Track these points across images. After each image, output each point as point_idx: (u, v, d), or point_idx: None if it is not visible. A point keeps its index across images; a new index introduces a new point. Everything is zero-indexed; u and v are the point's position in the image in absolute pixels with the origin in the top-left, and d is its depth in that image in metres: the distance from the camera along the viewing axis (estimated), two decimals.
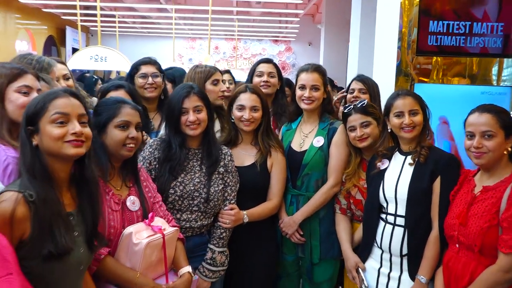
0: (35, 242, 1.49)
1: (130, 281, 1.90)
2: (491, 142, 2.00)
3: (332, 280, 2.77)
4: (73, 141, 1.58)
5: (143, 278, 1.92)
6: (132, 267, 1.92)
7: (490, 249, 1.97)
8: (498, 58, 2.94)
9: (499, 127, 2.01)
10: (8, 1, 10.35)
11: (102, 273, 1.89)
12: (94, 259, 1.83)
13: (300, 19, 12.12)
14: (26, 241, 1.49)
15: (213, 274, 2.41)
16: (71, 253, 1.57)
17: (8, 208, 1.44)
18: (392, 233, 2.33)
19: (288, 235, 2.70)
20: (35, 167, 1.56)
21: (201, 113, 2.38)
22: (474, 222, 2.01)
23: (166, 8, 10.85)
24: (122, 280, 1.91)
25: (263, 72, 3.15)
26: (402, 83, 2.98)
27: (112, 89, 2.70)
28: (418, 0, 2.92)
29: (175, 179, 2.34)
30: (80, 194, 1.70)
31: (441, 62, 2.97)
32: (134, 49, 13.23)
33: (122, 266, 1.92)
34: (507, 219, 1.91)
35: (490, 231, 1.96)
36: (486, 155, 2.02)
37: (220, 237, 2.44)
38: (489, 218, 1.97)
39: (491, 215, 1.97)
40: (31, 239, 1.49)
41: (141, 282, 1.91)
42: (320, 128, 2.76)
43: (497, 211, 1.96)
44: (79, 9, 8.55)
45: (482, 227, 1.97)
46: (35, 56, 2.66)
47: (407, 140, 2.36)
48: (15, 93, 1.91)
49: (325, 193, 2.66)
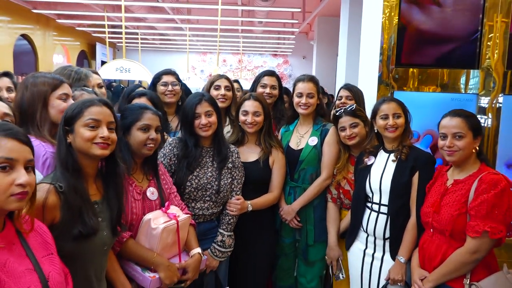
0: (66, 225, 1.51)
1: (148, 260, 1.90)
2: (461, 142, 2.00)
3: (323, 260, 2.76)
4: (101, 144, 1.61)
5: (159, 258, 1.92)
6: (150, 248, 1.92)
7: (459, 233, 1.96)
8: (466, 70, 2.94)
9: (468, 129, 2.00)
10: (47, 21, 10.39)
11: (125, 253, 1.90)
12: (118, 241, 1.85)
13: (296, 36, 12.11)
14: (58, 225, 1.51)
15: (222, 254, 2.41)
16: (96, 235, 1.59)
17: (40, 197, 1.45)
18: (377, 220, 2.32)
19: (287, 221, 2.70)
20: (68, 161, 1.58)
21: (211, 117, 2.38)
22: (446, 210, 2.00)
23: (181, 27, 10.85)
24: (142, 259, 1.91)
25: (267, 84, 3.11)
26: (383, 91, 2.97)
27: (136, 96, 2.71)
28: (396, 21, 2.92)
29: (191, 174, 2.34)
30: (106, 186, 1.72)
31: (417, 73, 2.96)
32: (154, 62, 13.27)
33: (142, 247, 1.92)
34: (474, 208, 1.90)
35: (459, 218, 1.96)
36: (457, 153, 2.01)
37: (228, 223, 2.43)
38: (459, 207, 1.96)
39: (461, 204, 1.96)
40: (62, 223, 1.51)
41: (157, 261, 1.91)
42: (314, 129, 2.76)
43: (466, 201, 1.95)
44: (107, 28, 8.57)
45: (453, 215, 1.97)
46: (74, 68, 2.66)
47: (390, 139, 2.36)
48: (57, 100, 1.93)
49: (319, 185, 2.66)
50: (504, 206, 1.86)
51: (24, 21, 9.33)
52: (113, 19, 9.77)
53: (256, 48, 15.18)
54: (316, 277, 2.78)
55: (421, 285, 2.05)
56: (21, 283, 1.18)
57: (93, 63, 13.75)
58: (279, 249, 2.81)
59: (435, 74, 2.95)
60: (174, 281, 1.94)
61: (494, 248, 1.99)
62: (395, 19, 2.92)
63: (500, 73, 2.90)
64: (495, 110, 2.90)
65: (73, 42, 12.48)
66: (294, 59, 16.04)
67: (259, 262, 2.65)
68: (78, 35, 12.61)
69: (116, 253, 1.87)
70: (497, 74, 2.90)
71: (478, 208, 1.89)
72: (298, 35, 12.22)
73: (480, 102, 2.94)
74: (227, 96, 2.97)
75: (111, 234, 1.71)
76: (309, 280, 2.78)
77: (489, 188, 1.88)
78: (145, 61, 11.21)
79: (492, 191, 1.87)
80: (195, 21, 10.87)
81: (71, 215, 1.52)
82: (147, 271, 1.90)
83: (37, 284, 1.22)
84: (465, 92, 2.96)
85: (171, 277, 1.93)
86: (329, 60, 9.09)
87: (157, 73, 3.15)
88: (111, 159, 1.70)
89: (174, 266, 1.96)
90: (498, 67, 2.89)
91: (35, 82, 1.92)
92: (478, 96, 2.93)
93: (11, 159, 1.17)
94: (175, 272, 1.95)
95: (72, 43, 12.38)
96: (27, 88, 1.91)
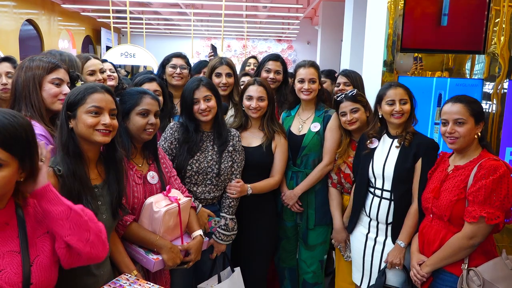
0: None
1: (151, 243, 1.92)
2: (463, 128, 1.97)
3: (325, 245, 2.77)
4: (102, 131, 1.61)
5: (162, 240, 1.93)
6: (153, 231, 1.93)
7: (457, 219, 1.96)
8: (471, 55, 2.90)
9: (469, 115, 1.98)
10: (52, 6, 10.31)
11: (128, 236, 1.92)
12: (122, 225, 1.87)
13: (300, 22, 11.97)
14: None
15: (227, 238, 2.43)
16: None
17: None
18: (379, 205, 2.32)
19: (289, 206, 2.70)
20: (69, 146, 1.59)
21: (210, 101, 2.36)
22: (445, 196, 2.00)
23: (185, 12, 10.75)
24: (145, 242, 1.93)
25: (271, 69, 3.07)
26: (388, 76, 2.94)
27: (146, 81, 2.59)
28: (402, 5, 2.87)
29: (191, 158, 2.34)
30: (107, 171, 1.73)
31: (422, 58, 2.93)
32: (159, 47, 13.16)
33: (145, 230, 1.93)
34: (472, 193, 1.89)
35: (458, 204, 1.95)
36: (458, 140, 1.99)
37: (230, 206, 2.44)
38: (458, 193, 1.96)
39: (459, 189, 1.96)
40: None
41: (160, 243, 1.92)
42: (316, 115, 2.74)
43: (465, 187, 1.94)
44: (112, 13, 8.50)
45: (451, 200, 1.96)
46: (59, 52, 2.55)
47: (395, 125, 2.33)
48: (49, 84, 1.91)
49: (321, 170, 2.65)
50: (502, 192, 1.85)
51: (30, 6, 9.26)
52: (118, 4, 9.69)
53: (261, 33, 15.03)
54: (316, 261, 2.79)
55: (419, 270, 2.06)
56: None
57: (98, 48, 13.68)
58: (282, 231, 2.82)
59: (440, 59, 2.91)
60: (177, 262, 1.97)
61: (494, 234, 1.99)
62: (401, 4, 2.87)
63: (506, 58, 2.85)
64: (500, 96, 2.87)
65: (78, 27, 12.39)
66: (299, 45, 15.88)
67: (262, 245, 2.66)
68: (83, 20, 12.51)
69: (120, 236, 1.89)
70: (502, 59, 2.86)
71: (476, 194, 1.88)
72: (303, 20, 12.08)
73: (485, 88, 2.90)
74: (229, 83, 2.92)
75: (111, 217, 1.72)
76: (310, 264, 2.79)
77: (488, 174, 1.87)
78: (150, 47, 11.14)
79: (491, 177, 1.86)
80: (200, 6, 10.76)
81: (69, 199, 1.52)
82: (150, 253, 1.92)
83: (17, 267, 1.22)
84: (470, 77, 2.92)
85: (174, 258, 1.94)
86: (333, 46, 8.99)
87: (168, 55, 3.13)
88: (111, 144, 1.71)
89: (176, 248, 1.98)
90: (504, 52, 2.85)
91: (31, 66, 1.90)
92: (483, 81, 2.89)
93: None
94: (177, 253, 1.97)
95: (77, 28, 12.30)
96: (23, 70, 1.90)
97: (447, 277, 1.99)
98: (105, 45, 13.56)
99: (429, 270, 2.03)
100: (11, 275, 1.20)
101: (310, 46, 14.99)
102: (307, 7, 9.53)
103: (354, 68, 3.32)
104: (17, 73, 1.92)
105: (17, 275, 1.21)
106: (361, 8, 5.16)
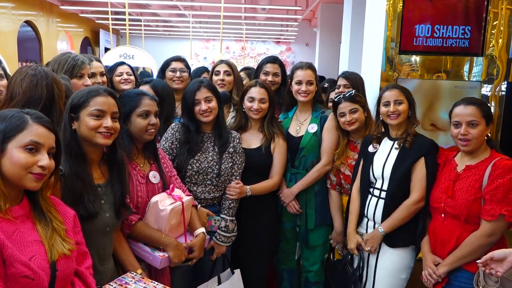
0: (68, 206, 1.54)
1: (157, 240, 1.95)
2: (476, 130, 2.00)
3: (325, 245, 2.79)
4: (104, 133, 1.65)
5: (168, 238, 1.97)
6: (158, 229, 1.97)
7: (473, 217, 1.99)
8: (469, 57, 2.92)
9: (481, 116, 2.01)
10: (50, 7, 10.30)
11: (134, 234, 1.95)
12: (127, 224, 1.91)
13: (299, 23, 11.99)
14: None
15: (227, 239, 2.44)
16: (98, 217, 1.65)
17: None
18: (376, 205, 2.34)
19: (285, 204, 2.71)
20: (72, 147, 1.63)
21: (211, 102, 2.39)
22: (461, 195, 2.02)
23: (184, 14, 10.76)
24: (151, 240, 1.96)
25: (269, 72, 3.07)
26: (387, 78, 2.96)
27: (142, 84, 2.73)
28: (401, 8, 2.89)
29: (192, 158, 2.36)
30: (110, 171, 1.77)
31: (420, 60, 2.95)
32: (157, 48, 13.17)
33: (150, 228, 1.97)
34: (489, 192, 1.93)
35: (474, 203, 1.98)
36: (471, 142, 2.02)
37: (229, 207, 2.45)
38: (474, 192, 1.99)
39: (475, 189, 1.99)
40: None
41: (166, 241, 1.96)
42: (313, 116, 2.75)
43: (480, 186, 1.98)
44: (110, 15, 8.50)
45: (468, 200, 1.99)
46: (72, 54, 2.60)
47: (394, 126, 2.35)
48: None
49: (319, 170, 2.67)
50: None
51: (28, 7, 9.25)
52: (117, 5, 9.69)
53: (259, 35, 15.05)
54: (318, 261, 2.80)
55: (435, 269, 2.07)
56: (26, 251, 1.24)
57: (96, 49, 13.67)
58: (281, 233, 2.84)
59: (438, 61, 2.93)
60: (182, 259, 2.00)
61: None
62: (399, 6, 2.89)
63: (504, 61, 2.87)
64: (498, 98, 2.89)
65: (76, 28, 12.38)
66: (297, 47, 15.90)
67: (262, 246, 2.67)
68: (82, 22, 12.51)
69: (125, 235, 1.93)
70: (500, 61, 2.88)
71: (494, 193, 1.91)
72: (301, 22, 12.10)
73: (483, 90, 2.92)
74: (226, 81, 2.97)
75: (114, 216, 1.76)
76: (312, 264, 2.81)
77: (504, 173, 1.91)
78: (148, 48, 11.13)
79: (507, 176, 1.90)
80: (198, 8, 10.77)
81: (71, 198, 1.57)
82: (156, 250, 1.95)
83: (43, 255, 1.28)
84: (468, 79, 2.94)
85: (179, 256, 1.98)
86: (332, 48, 9.00)
87: (167, 59, 3.18)
88: (112, 146, 1.75)
89: (182, 245, 2.01)
90: (502, 54, 2.87)
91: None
92: (481, 84, 2.91)
93: (38, 143, 1.30)
94: (183, 251, 2.00)
95: (75, 29, 12.29)
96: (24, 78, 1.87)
97: (461, 273, 2.02)
98: (103, 47, 13.56)
99: (446, 270, 2.05)
100: (41, 261, 1.26)
101: (309, 48, 15.00)
102: (305, 9, 9.55)
103: (353, 70, 3.34)
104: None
105: (45, 261, 1.27)
106: (359, 10, 5.18)
